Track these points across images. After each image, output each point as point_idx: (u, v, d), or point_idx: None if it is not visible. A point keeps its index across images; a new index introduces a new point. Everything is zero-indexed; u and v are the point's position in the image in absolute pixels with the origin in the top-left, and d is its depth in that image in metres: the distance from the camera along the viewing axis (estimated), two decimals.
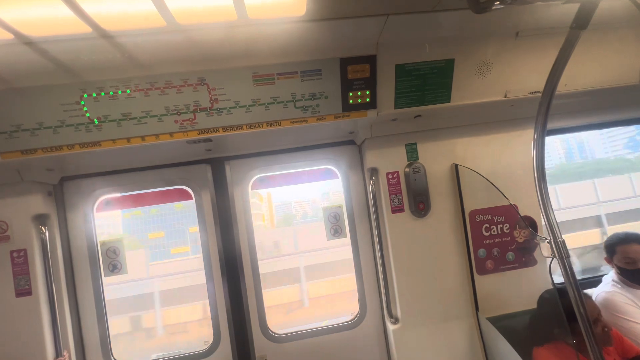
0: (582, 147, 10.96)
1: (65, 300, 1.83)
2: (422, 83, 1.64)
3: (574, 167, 8.92)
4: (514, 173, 2.01)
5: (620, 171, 7.23)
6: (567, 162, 10.03)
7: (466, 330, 1.91)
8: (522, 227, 1.97)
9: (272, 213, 4.83)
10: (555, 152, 10.70)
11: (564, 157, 10.41)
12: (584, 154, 10.57)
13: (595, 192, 6.19)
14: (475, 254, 1.95)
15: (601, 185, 6.30)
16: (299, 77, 1.52)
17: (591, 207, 6.03)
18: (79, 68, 1.33)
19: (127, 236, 4.60)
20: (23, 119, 1.41)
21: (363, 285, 2.09)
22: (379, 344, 2.08)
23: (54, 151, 1.48)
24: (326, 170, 2.15)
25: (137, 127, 1.49)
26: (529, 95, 1.75)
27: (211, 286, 1.99)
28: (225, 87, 1.48)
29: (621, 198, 5.94)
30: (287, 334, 2.04)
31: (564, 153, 10.82)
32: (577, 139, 11.40)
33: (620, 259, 1.90)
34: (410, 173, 1.93)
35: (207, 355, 1.96)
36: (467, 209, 1.96)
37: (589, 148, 10.97)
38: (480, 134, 2.03)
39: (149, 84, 1.42)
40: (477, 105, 1.75)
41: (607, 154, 11.42)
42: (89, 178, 1.94)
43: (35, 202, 1.73)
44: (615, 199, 5.96)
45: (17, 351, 1.69)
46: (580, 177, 7.07)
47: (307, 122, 1.62)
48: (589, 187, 6.32)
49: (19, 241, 1.71)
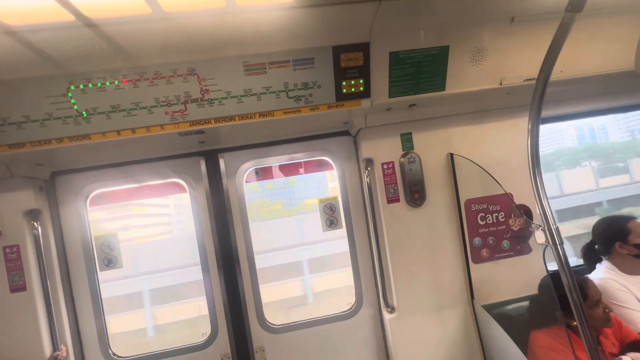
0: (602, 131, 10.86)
1: (60, 295, 1.82)
2: (416, 71, 1.62)
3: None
4: (509, 162, 2.00)
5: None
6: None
7: (461, 317, 1.93)
8: (517, 216, 1.98)
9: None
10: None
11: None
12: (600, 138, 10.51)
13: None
14: (470, 243, 1.96)
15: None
16: (291, 66, 1.49)
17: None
18: (64, 58, 1.29)
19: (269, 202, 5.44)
20: (9, 112, 1.38)
21: (359, 275, 2.09)
22: (375, 333, 2.10)
23: (43, 145, 1.46)
24: (321, 161, 2.13)
25: (126, 119, 1.46)
26: (524, 82, 1.73)
27: (207, 279, 1.99)
28: (215, 77, 1.46)
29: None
30: (284, 325, 2.05)
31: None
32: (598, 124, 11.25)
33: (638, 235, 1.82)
34: (405, 163, 1.92)
35: (205, 347, 1.98)
36: (462, 199, 1.96)
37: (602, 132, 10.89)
38: (476, 122, 2.01)
39: (138, 75, 1.39)
40: (472, 93, 1.73)
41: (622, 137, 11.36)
42: (81, 172, 1.92)
43: (26, 197, 1.71)
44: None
45: (15, 346, 1.69)
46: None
47: (300, 113, 1.60)
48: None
49: (11, 237, 1.69)
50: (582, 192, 6.29)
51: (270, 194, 5.58)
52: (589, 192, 6.28)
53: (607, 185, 6.33)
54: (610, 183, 6.52)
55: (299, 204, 5.54)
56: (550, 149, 8.67)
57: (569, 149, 10.58)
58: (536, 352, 1.66)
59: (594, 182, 6.51)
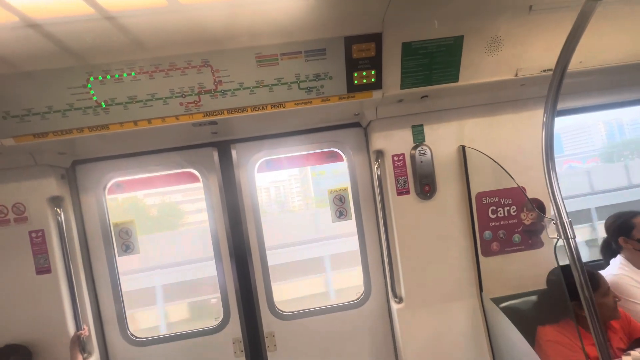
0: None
1: (82, 278, 1.92)
2: (429, 62, 1.60)
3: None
4: (522, 155, 1.97)
5: None
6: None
7: (470, 310, 1.94)
8: (529, 210, 1.95)
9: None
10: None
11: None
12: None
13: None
14: (480, 236, 1.95)
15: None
16: (303, 57, 1.49)
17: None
18: (84, 50, 1.34)
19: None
20: (33, 103, 1.44)
21: (368, 265, 2.12)
22: (383, 323, 2.14)
23: (64, 134, 1.52)
24: (331, 152, 2.15)
25: (143, 110, 1.50)
26: (541, 73, 1.69)
27: (220, 266, 2.05)
28: (229, 68, 1.48)
29: None
30: (294, 312, 2.11)
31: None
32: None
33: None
34: (416, 155, 1.91)
35: (218, 331, 2.06)
36: (473, 192, 1.94)
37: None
38: (489, 114, 1.98)
39: (153, 66, 1.42)
40: (486, 84, 1.70)
41: None
42: (100, 162, 1.99)
43: (49, 184, 1.79)
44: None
45: (42, 325, 1.80)
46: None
47: (311, 104, 1.61)
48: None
49: (36, 222, 1.79)
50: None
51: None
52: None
53: None
54: None
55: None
56: (579, 144, 8.26)
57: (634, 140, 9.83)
58: (543, 346, 1.66)
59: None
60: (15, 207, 1.77)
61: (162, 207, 5.44)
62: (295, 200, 6.23)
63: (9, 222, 1.77)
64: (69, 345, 1.79)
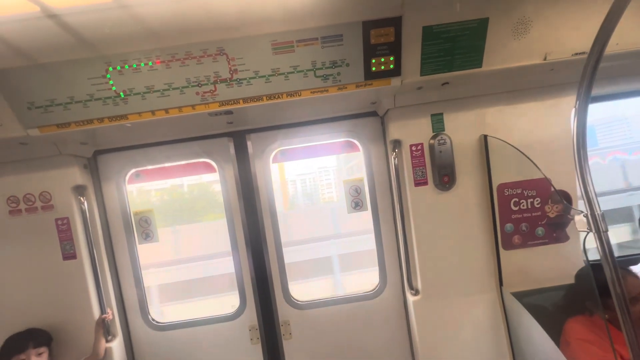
0: None
1: (105, 264, 1.99)
2: (451, 46, 1.53)
3: None
4: (548, 145, 1.87)
5: None
6: None
7: (488, 303, 1.90)
8: (555, 202, 1.86)
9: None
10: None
11: None
12: None
13: None
14: (501, 229, 1.89)
15: None
16: (319, 44, 1.45)
17: None
18: (102, 40, 1.35)
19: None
20: (56, 94, 1.47)
21: (383, 257, 2.10)
22: (398, 315, 2.12)
23: (86, 125, 1.55)
24: (347, 142, 2.11)
25: (160, 99, 1.51)
26: (572, 57, 1.58)
27: (236, 255, 2.08)
28: (244, 56, 1.46)
29: None
30: (309, 302, 2.12)
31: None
32: None
33: None
34: (435, 145, 1.85)
35: (235, 318, 2.10)
36: (495, 183, 1.87)
37: None
38: (513, 102, 1.89)
39: (170, 56, 1.42)
40: (512, 69, 1.61)
41: None
42: (119, 152, 2.03)
43: (72, 174, 1.85)
44: None
45: (69, 308, 1.88)
46: None
47: (327, 92, 1.57)
48: None
49: (61, 210, 1.85)
50: None
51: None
52: None
53: None
54: None
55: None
56: (616, 137, 7.64)
57: None
58: (572, 344, 1.60)
59: None
60: (42, 196, 1.84)
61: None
62: (324, 193, 5.77)
63: (36, 210, 1.85)
64: (94, 327, 1.87)
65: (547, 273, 1.88)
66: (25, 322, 1.83)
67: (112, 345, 1.92)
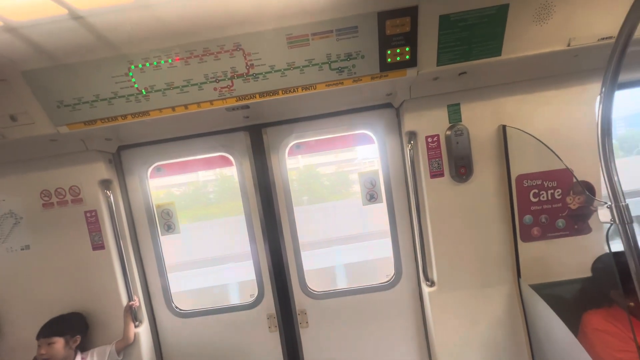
0: None
1: (131, 254, 2.09)
2: (469, 35, 1.49)
3: None
4: (571, 135, 1.81)
5: None
6: None
7: (506, 296, 1.88)
8: (576, 193, 1.82)
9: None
10: None
11: None
12: None
13: None
14: (520, 221, 1.86)
15: None
16: (334, 36, 1.45)
17: None
18: (124, 40, 1.40)
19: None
20: (82, 92, 1.54)
21: (398, 248, 2.11)
22: (413, 306, 2.14)
23: (110, 121, 1.62)
24: (362, 135, 2.11)
25: (180, 96, 1.56)
26: (598, 42, 1.52)
27: (254, 247, 2.14)
28: (260, 51, 1.48)
29: None
30: (325, 292, 2.16)
31: None
32: None
33: None
34: (452, 136, 1.83)
35: (253, 307, 2.17)
36: (513, 174, 1.84)
37: None
38: (532, 91, 1.83)
39: (188, 52, 1.46)
40: (533, 57, 1.56)
41: None
42: (142, 147, 2.11)
43: (99, 169, 1.94)
44: None
45: (98, 295, 2.00)
46: None
47: (342, 85, 1.58)
48: None
49: (90, 203, 1.95)
50: None
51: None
52: None
53: None
54: None
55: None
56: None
57: None
58: (589, 335, 1.58)
59: None
60: (71, 190, 1.95)
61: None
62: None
63: (67, 203, 1.96)
64: (122, 314, 1.98)
65: (567, 266, 1.85)
66: (60, 308, 1.96)
67: (138, 331, 2.03)
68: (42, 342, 1.78)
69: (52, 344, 1.78)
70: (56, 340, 1.79)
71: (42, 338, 1.79)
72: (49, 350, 1.76)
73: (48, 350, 1.76)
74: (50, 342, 1.78)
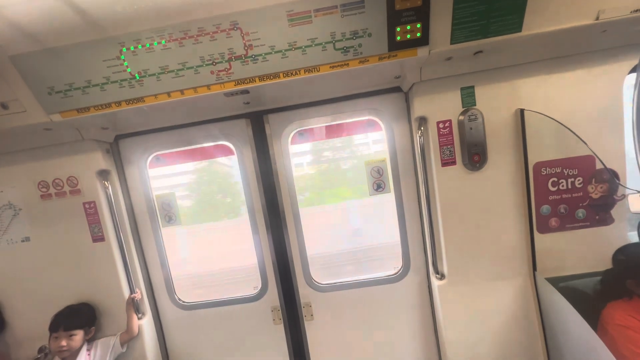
0: None
1: (132, 246, 2.05)
2: (486, 9, 1.36)
3: None
4: (595, 118, 1.68)
5: None
6: None
7: (520, 289, 1.80)
8: (599, 181, 1.70)
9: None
10: None
11: None
12: None
13: None
14: (537, 211, 1.76)
15: None
16: (339, 12, 1.34)
17: None
18: (114, 20, 1.30)
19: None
20: (74, 77, 1.46)
21: (407, 239, 2.03)
22: (421, 299, 2.07)
23: (104, 109, 1.54)
24: (368, 121, 2.00)
25: (175, 80, 1.47)
26: (630, 14, 1.38)
27: (257, 238, 2.08)
28: (259, 30, 1.37)
29: None
30: (330, 284, 2.10)
31: None
32: None
33: None
34: (465, 121, 1.72)
35: (257, 299, 2.13)
36: (531, 161, 1.73)
37: None
38: (555, 71, 1.69)
39: (182, 33, 1.36)
40: (557, 33, 1.43)
41: None
42: (140, 136, 2.04)
43: (96, 159, 1.88)
44: None
45: (100, 288, 1.97)
46: None
47: (348, 66, 1.47)
48: None
49: (88, 194, 1.90)
50: None
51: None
52: None
53: None
54: None
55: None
56: None
57: None
58: (610, 331, 1.50)
59: None
60: (69, 180, 1.89)
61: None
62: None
63: (65, 194, 1.91)
64: (124, 306, 1.95)
65: (586, 258, 1.75)
66: (62, 300, 1.94)
67: (142, 323, 2.01)
68: (62, 334, 1.77)
69: (73, 336, 1.78)
70: (77, 333, 1.80)
71: (62, 330, 1.78)
72: (69, 343, 1.76)
73: (69, 342, 1.76)
74: (72, 334, 1.78)
